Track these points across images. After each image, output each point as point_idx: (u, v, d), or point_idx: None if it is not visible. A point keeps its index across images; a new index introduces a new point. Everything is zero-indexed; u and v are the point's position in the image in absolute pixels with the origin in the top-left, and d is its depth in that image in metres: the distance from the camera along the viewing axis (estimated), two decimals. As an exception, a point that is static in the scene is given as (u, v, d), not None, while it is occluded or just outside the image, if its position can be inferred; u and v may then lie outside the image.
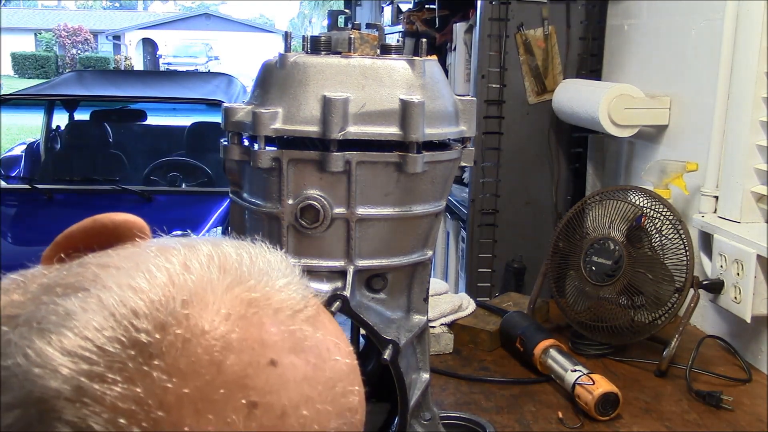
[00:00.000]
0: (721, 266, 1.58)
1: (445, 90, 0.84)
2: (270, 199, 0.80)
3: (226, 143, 0.83)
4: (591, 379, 1.33)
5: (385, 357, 0.77)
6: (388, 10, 3.58)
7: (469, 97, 0.87)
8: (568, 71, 2.27)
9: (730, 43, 1.65)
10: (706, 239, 1.73)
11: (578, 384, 1.33)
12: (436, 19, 2.83)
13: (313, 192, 0.79)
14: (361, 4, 5.25)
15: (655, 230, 1.57)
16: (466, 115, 0.85)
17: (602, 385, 1.31)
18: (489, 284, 2.32)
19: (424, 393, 0.87)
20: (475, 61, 2.27)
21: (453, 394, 1.41)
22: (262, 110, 0.78)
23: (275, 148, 0.79)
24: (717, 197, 1.70)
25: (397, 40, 3.03)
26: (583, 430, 1.29)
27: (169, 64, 27.19)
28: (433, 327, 1.59)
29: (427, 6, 2.96)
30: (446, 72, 2.18)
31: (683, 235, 1.53)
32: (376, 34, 0.85)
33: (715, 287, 1.58)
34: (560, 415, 1.33)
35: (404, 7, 3.25)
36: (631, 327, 1.54)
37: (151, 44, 30.44)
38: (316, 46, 0.83)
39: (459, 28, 2.60)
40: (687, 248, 1.52)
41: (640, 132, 1.98)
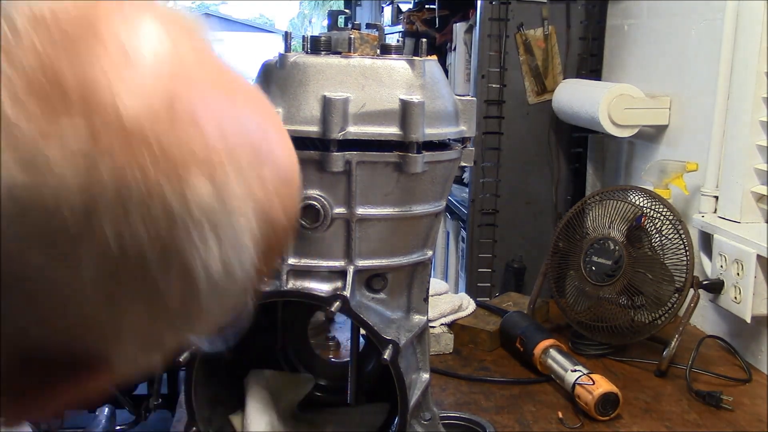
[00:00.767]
0: (721, 266, 1.58)
1: (445, 90, 0.84)
2: (270, 199, 0.80)
3: (226, 143, 0.83)
4: (591, 379, 1.33)
5: (385, 357, 0.77)
6: (388, 10, 3.58)
7: (469, 97, 0.87)
8: (568, 71, 2.27)
9: (730, 43, 1.65)
10: (706, 239, 1.73)
11: (578, 384, 1.33)
12: (436, 19, 2.83)
13: (313, 192, 0.79)
14: (361, 4, 5.25)
15: (655, 230, 1.57)
16: (466, 115, 0.85)
17: (602, 385, 1.31)
18: (489, 284, 2.32)
19: (424, 393, 0.87)
20: (475, 61, 2.27)
21: (453, 394, 1.41)
22: (262, 110, 0.78)
23: (275, 148, 0.79)
24: (717, 197, 1.70)
25: (397, 40, 3.03)
26: (583, 430, 1.29)
27: (169, 64, 27.18)
28: (433, 327, 1.59)
29: (427, 6, 2.96)
30: (446, 72, 2.18)
31: (683, 235, 1.53)
32: (376, 34, 0.85)
33: (715, 287, 1.58)
34: (560, 415, 1.33)
35: (404, 7, 3.25)
36: (631, 327, 1.54)
37: (151, 44, 30.42)
38: (316, 46, 0.83)
39: (459, 28, 2.60)
40: (687, 248, 1.52)
41: (640, 132, 1.98)
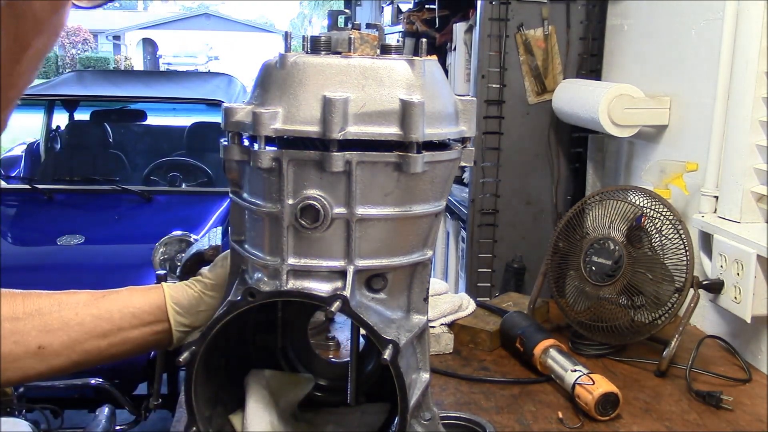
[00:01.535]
0: (721, 266, 1.58)
1: (445, 90, 0.84)
2: (270, 199, 0.80)
3: (226, 143, 0.83)
4: (591, 379, 1.33)
5: (385, 357, 0.77)
6: (388, 10, 3.59)
7: (469, 97, 0.86)
8: (568, 71, 2.27)
9: (730, 43, 1.65)
10: (706, 239, 1.73)
11: (578, 384, 1.33)
12: (436, 19, 2.83)
13: (313, 192, 0.79)
14: (361, 4, 5.25)
15: (655, 230, 1.57)
16: (466, 115, 0.85)
17: (602, 385, 1.31)
18: (489, 284, 2.33)
19: (424, 393, 0.87)
20: (475, 61, 2.27)
21: (453, 394, 1.42)
22: (262, 110, 0.78)
23: (275, 148, 0.79)
24: (717, 197, 1.70)
25: (397, 40, 3.03)
26: (583, 430, 1.29)
27: (169, 64, 27.20)
28: (433, 327, 1.59)
29: (427, 6, 2.96)
30: (446, 72, 2.18)
31: (683, 235, 1.53)
32: (376, 34, 0.85)
33: (715, 287, 1.58)
34: (560, 415, 1.33)
35: (404, 7, 3.25)
36: (631, 327, 1.54)
37: (151, 44, 30.43)
38: (316, 46, 0.83)
39: (459, 28, 2.60)
40: (687, 248, 1.52)
41: (640, 132, 1.98)
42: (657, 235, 1.56)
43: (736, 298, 1.53)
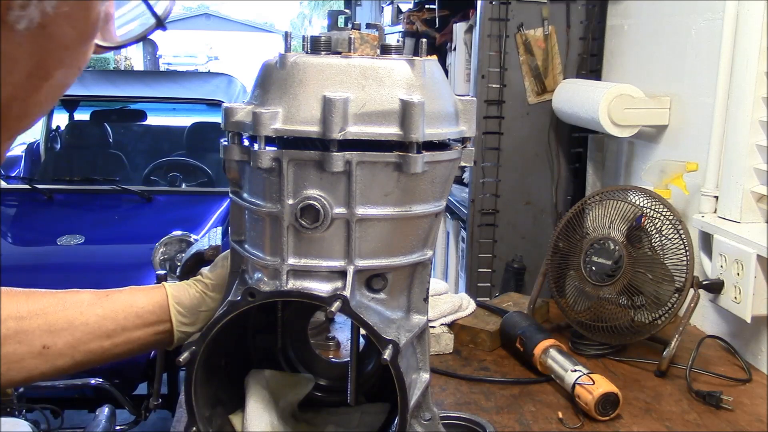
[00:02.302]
0: (721, 266, 1.58)
1: (445, 90, 0.84)
2: (270, 199, 0.80)
3: (226, 143, 0.83)
4: (591, 379, 1.33)
5: (385, 357, 0.77)
6: (388, 10, 3.58)
7: (469, 97, 0.86)
8: (568, 71, 2.27)
9: (730, 43, 1.65)
10: (706, 239, 1.73)
11: (578, 384, 1.33)
12: (436, 19, 2.83)
13: (313, 192, 0.79)
14: (361, 4, 5.25)
15: (655, 230, 1.57)
16: (466, 115, 0.85)
17: (602, 385, 1.31)
18: (489, 284, 2.33)
19: (424, 393, 0.87)
20: (475, 61, 2.27)
21: (453, 394, 1.42)
22: (262, 110, 0.78)
23: (275, 148, 0.79)
24: (717, 197, 1.70)
25: (397, 40, 3.03)
26: (583, 430, 1.29)
27: (169, 64, 27.19)
28: (433, 327, 1.59)
29: (427, 6, 2.96)
30: (446, 72, 2.17)
31: (683, 235, 1.53)
32: (376, 34, 0.85)
33: (715, 287, 1.58)
34: (560, 415, 1.33)
35: (404, 7, 3.25)
36: (631, 327, 1.54)
37: (151, 44, 30.40)
38: (316, 46, 0.82)
39: (459, 28, 2.60)
40: (687, 248, 1.52)
41: (640, 132, 1.98)
42: (657, 235, 1.56)
43: (736, 298, 1.53)
